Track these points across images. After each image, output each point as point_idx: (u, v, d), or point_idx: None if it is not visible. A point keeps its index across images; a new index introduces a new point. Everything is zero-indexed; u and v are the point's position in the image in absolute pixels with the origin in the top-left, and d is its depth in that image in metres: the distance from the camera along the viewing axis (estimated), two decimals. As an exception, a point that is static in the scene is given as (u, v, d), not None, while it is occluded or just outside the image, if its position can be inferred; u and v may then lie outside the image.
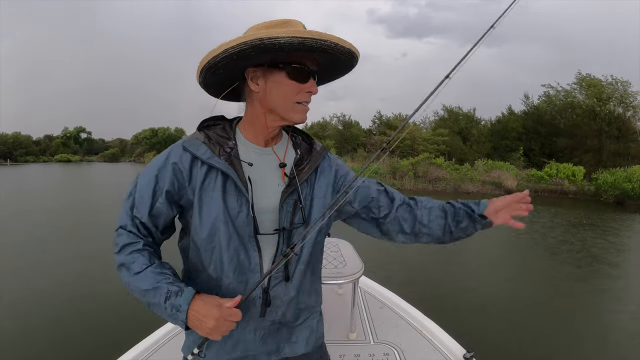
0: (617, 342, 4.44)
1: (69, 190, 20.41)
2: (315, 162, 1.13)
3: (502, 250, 8.92)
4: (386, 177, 22.59)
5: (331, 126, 40.88)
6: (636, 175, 17.90)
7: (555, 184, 20.66)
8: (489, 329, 4.56)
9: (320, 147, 1.18)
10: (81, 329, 4.31)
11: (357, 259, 2.53)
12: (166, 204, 1.02)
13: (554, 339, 4.38)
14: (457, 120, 34.49)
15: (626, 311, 5.26)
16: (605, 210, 15.49)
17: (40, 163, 55.76)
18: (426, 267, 7.22)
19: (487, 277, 6.71)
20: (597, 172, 20.23)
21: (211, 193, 1.00)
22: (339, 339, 2.38)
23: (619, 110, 26.14)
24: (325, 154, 1.18)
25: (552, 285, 6.42)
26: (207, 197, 1.01)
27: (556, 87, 29.81)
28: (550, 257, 8.22)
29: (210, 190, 1.00)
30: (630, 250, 9.41)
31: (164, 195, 1.01)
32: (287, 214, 1.05)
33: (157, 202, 1.01)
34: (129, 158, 61.25)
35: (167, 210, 1.03)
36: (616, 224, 12.57)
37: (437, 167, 23.14)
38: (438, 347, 2.26)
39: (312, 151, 1.16)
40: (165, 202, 1.02)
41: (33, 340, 4.11)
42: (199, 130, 1.07)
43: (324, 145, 1.20)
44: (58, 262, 6.90)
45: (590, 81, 27.18)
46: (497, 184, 21.16)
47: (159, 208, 1.02)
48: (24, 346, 4.01)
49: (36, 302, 5.12)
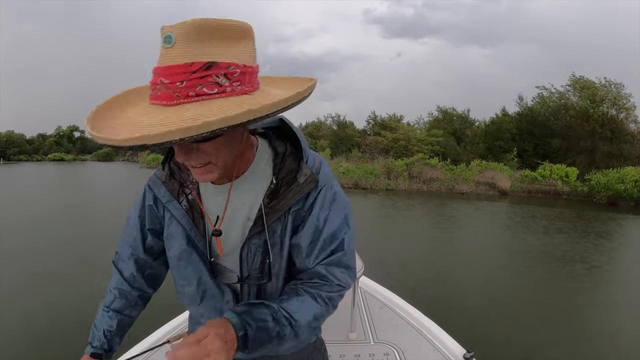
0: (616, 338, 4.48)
1: (64, 190, 20.25)
2: (294, 198, 0.90)
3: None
4: (381, 178, 22.63)
5: (326, 126, 40.91)
6: (629, 176, 18.05)
7: (549, 184, 20.79)
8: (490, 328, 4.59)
9: (306, 179, 0.91)
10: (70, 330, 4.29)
11: (357, 259, 2.53)
12: (156, 239, 1.06)
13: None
14: (451, 121, 34.57)
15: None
16: (598, 210, 15.61)
17: (34, 162, 55.33)
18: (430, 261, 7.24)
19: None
20: (591, 173, 20.38)
21: (173, 236, 1.00)
22: (339, 339, 2.38)
23: (612, 112, 26.33)
24: (310, 189, 0.91)
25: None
26: (170, 239, 1.01)
27: (550, 89, 30.01)
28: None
29: (172, 234, 1.00)
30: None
31: (151, 233, 1.06)
32: (249, 262, 0.94)
33: (147, 239, 1.07)
34: (123, 157, 60.83)
35: (159, 242, 1.07)
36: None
37: (431, 168, 23.22)
38: (438, 347, 2.27)
39: (294, 182, 0.91)
40: (154, 237, 1.07)
41: (30, 341, 4.08)
42: (162, 164, 1.02)
43: (315, 176, 0.92)
44: (55, 263, 6.85)
45: (583, 83, 27.37)
46: (491, 185, 21.25)
47: (150, 243, 1.07)
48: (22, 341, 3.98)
49: (33, 302, 5.08)
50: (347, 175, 22.96)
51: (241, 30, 0.73)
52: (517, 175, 22.72)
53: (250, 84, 0.73)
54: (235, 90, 0.70)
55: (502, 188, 20.67)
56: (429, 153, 27.03)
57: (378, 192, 20.16)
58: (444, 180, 22.17)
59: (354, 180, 22.22)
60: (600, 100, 26.21)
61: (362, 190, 20.92)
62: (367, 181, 22.11)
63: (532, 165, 25.05)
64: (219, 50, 0.69)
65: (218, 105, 0.66)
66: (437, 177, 22.54)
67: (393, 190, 21.05)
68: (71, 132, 66.19)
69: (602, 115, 25.84)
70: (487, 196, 19.76)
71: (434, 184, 22.00)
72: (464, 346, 2.21)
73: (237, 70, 0.70)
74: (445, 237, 10.21)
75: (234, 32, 0.71)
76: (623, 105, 26.41)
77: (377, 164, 25.77)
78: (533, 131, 29.33)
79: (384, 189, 21.42)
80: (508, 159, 27.01)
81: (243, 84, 0.72)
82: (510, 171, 23.26)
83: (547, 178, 20.99)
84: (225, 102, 0.67)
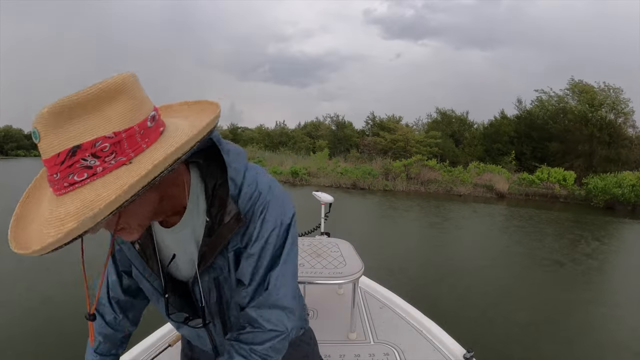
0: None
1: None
2: (226, 237, 0.86)
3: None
4: (379, 178, 22.65)
5: (324, 126, 40.87)
6: (626, 180, 18.12)
7: (546, 188, 20.83)
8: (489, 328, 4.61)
9: (231, 218, 0.84)
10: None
11: (357, 259, 2.53)
12: (132, 279, 1.08)
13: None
14: (450, 122, 34.62)
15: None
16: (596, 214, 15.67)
17: (32, 157, 55.12)
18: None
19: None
20: (588, 177, 20.45)
21: (136, 275, 1.03)
22: (339, 339, 2.38)
23: (611, 117, 26.39)
24: (237, 228, 0.85)
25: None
26: (136, 277, 1.04)
27: (549, 92, 30.05)
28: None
29: (136, 273, 1.03)
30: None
31: (125, 274, 1.09)
32: (206, 298, 0.96)
33: (124, 281, 1.09)
34: (121, 154, 60.72)
35: (135, 281, 1.07)
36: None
37: (429, 169, 23.24)
38: (438, 347, 2.28)
39: (222, 223, 0.85)
40: (130, 278, 1.08)
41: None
42: None
43: (240, 215, 0.84)
44: (51, 256, 6.82)
45: (582, 87, 27.41)
46: (488, 187, 21.28)
47: (128, 283, 1.10)
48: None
49: (28, 302, 5.07)
50: (345, 176, 22.98)
51: (108, 93, 0.65)
52: (514, 178, 22.76)
53: (130, 148, 0.66)
54: (109, 167, 0.64)
55: (499, 190, 20.70)
56: (427, 154, 27.06)
57: (376, 193, 20.17)
58: (441, 182, 22.19)
59: (352, 180, 22.23)
60: (599, 104, 26.26)
61: (360, 190, 20.93)
62: (365, 182, 22.11)
63: (530, 168, 25.12)
64: (83, 128, 0.63)
65: (90, 192, 0.62)
66: (435, 179, 22.56)
67: (391, 191, 21.06)
68: (69, 128, 66.04)
69: (600, 120, 25.90)
70: (485, 198, 19.79)
71: (432, 186, 22.01)
72: (464, 346, 2.21)
73: (106, 144, 0.63)
74: (443, 238, 10.22)
75: (99, 99, 0.64)
76: (621, 110, 26.47)
77: (375, 164, 25.77)
78: (531, 134, 29.40)
79: (381, 189, 21.43)
80: (506, 162, 27.03)
81: (119, 154, 0.65)
82: (508, 174, 23.29)
83: (545, 181, 21.05)
84: (97, 186, 0.62)
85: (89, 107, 0.63)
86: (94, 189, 0.62)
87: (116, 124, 0.65)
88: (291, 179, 23.39)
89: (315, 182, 22.30)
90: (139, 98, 0.69)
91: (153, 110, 0.72)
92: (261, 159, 29.50)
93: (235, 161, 0.86)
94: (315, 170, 24.77)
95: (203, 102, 0.83)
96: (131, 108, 0.67)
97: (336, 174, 23.61)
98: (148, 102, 0.72)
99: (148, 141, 0.68)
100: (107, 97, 0.65)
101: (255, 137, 41.87)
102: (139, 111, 0.68)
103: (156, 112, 0.73)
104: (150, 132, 0.69)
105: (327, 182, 22.24)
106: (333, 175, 23.59)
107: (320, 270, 2.26)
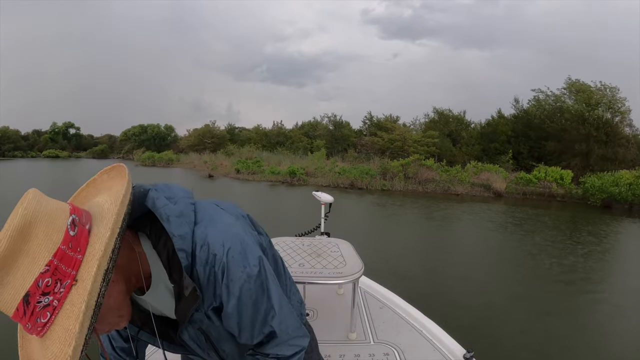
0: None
1: (58, 186, 20.10)
2: (190, 307, 0.86)
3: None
4: (376, 178, 22.65)
5: (322, 126, 40.83)
6: (623, 179, 18.16)
7: (544, 187, 20.85)
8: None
9: (189, 292, 0.84)
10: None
11: (357, 259, 2.52)
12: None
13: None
14: (447, 122, 34.65)
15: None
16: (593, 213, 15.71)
17: (29, 158, 54.91)
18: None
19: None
20: (585, 175, 20.47)
21: (134, 335, 1.06)
22: (339, 339, 2.38)
23: (607, 116, 26.47)
24: (196, 303, 0.85)
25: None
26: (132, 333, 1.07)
27: (546, 92, 30.12)
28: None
29: (132, 334, 1.06)
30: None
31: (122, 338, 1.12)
32: (196, 343, 0.98)
33: (122, 333, 1.10)
34: (118, 155, 60.50)
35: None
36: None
37: (427, 169, 23.23)
38: (438, 347, 2.28)
39: (181, 296, 0.86)
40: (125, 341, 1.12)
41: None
42: None
43: (196, 291, 0.84)
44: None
45: (579, 86, 27.50)
46: (486, 186, 21.31)
47: (127, 334, 1.09)
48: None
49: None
50: (343, 176, 22.97)
51: (21, 232, 0.64)
52: (512, 177, 22.78)
53: (69, 267, 0.66)
54: (62, 296, 0.65)
55: (497, 190, 20.73)
56: (424, 154, 27.08)
57: (374, 193, 20.18)
58: (439, 182, 22.20)
59: (349, 180, 22.23)
60: (596, 103, 26.34)
61: (358, 190, 20.93)
62: (363, 181, 22.10)
63: (527, 167, 25.19)
64: (20, 274, 0.64)
65: (61, 329, 0.64)
66: (433, 178, 22.56)
67: (389, 191, 21.07)
68: (66, 129, 65.71)
69: (597, 119, 25.96)
70: (482, 198, 19.81)
71: (430, 185, 22.02)
72: (464, 346, 2.21)
73: (47, 278, 0.64)
74: (441, 238, 10.23)
75: (16, 242, 0.63)
76: (618, 109, 26.57)
77: (373, 164, 25.79)
78: (528, 134, 29.48)
79: (379, 189, 21.44)
80: (503, 161, 27.09)
81: (64, 279, 0.65)
82: (505, 173, 23.33)
83: (542, 180, 21.07)
84: (62, 320, 0.64)
85: (15, 252, 0.63)
86: (61, 323, 0.64)
87: (44, 254, 0.64)
88: (289, 179, 23.39)
89: (313, 182, 22.30)
90: (48, 213, 0.67)
91: (70, 214, 0.69)
92: (259, 159, 29.50)
93: (178, 227, 0.82)
94: (313, 170, 24.78)
95: (116, 166, 0.83)
96: (47, 232, 0.66)
97: (334, 174, 23.61)
98: (60, 210, 0.69)
99: (81, 250, 0.68)
100: (22, 236, 0.64)
101: (252, 137, 41.85)
102: (55, 228, 0.66)
103: (74, 214, 0.70)
104: (79, 238, 0.68)
105: (325, 182, 22.25)
106: (331, 175, 23.59)
107: (320, 270, 2.25)
